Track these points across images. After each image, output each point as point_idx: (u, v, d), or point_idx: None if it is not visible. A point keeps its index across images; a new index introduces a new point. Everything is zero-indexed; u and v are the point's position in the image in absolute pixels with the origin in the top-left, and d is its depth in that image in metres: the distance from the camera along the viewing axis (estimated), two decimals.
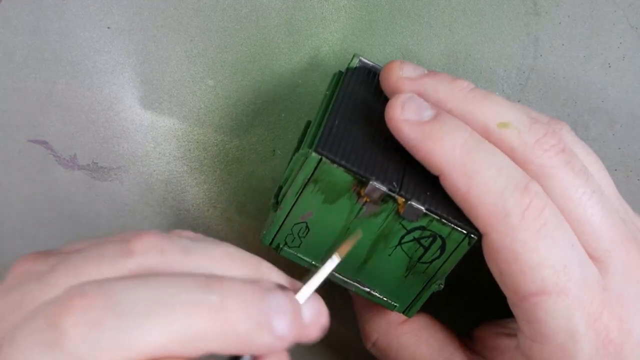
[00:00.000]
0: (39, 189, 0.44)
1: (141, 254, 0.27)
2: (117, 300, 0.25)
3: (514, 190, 0.33)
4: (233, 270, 0.27)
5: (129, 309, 0.25)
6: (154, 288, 0.25)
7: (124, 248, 0.27)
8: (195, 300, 0.25)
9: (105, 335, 0.24)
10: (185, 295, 0.25)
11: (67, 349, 0.24)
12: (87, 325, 0.24)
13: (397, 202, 0.34)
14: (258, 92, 0.43)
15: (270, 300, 0.26)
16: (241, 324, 0.25)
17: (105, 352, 0.24)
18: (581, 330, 0.33)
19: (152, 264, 0.27)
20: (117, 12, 0.41)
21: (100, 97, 0.42)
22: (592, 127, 0.43)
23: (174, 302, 0.25)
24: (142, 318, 0.25)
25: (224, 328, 0.25)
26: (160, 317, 0.25)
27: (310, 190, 0.34)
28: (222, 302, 0.25)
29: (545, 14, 0.41)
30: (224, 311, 0.25)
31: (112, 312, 0.24)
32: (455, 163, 0.34)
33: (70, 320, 0.24)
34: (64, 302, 0.25)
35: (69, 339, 0.24)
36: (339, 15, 0.41)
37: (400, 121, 0.34)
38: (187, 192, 0.45)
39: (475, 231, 0.34)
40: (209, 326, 0.25)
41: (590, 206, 0.35)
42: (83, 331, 0.24)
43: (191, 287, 0.26)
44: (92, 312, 0.24)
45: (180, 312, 0.25)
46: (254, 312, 0.26)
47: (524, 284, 0.33)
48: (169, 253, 0.27)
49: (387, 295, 0.38)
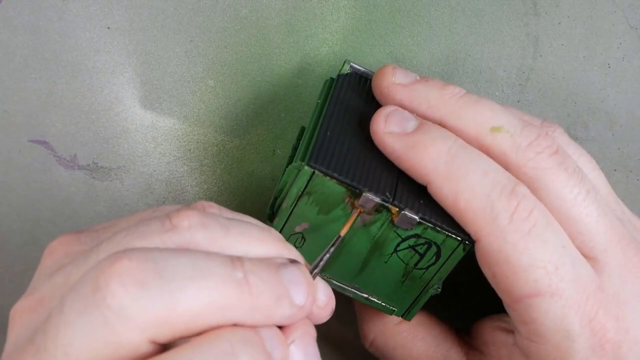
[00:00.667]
0: (39, 189, 0.44)
1: (185, 229, 0.28)
2: (161, 264, 0.26)
3: (501, 193, 0.33)
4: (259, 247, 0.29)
5: (172, 273, 0.26)
6: (192, 259, 0.26)
7: (167, 224, 0.28)
8: (226, 274, 0.26)
9: (150, 295, 0.25)
10: (217, 268, 0.26)
11: (114, 307, 0.25)
12: (133, 285, 0.25)
13: (391, 212, 0.34)
14: (258, 92, 0.43)
15: (284, 274, 0.28)
16: (263, 297, 0.27)
17: (151, 311, 0.25)
18: (576, 330, 0.34)
19: (196, 239, 0.28)
20: (117, 12, 0.41)
21: (100, 97, 0.42)
22: (591, 127, 0.43)
23: (210, 273, 0.26)
24: (184, 282, 0.26)
25: (249, 301, 0.26)
26: (199, 283, 0.26)
27: (304, 202, 0.34)
28: (245, 277, 0.27)
29: (545, 14, 0.41)
30: (247, 285, 0.26)
31: (156, 273, 0.25)
32: (440, 171, 0.34)
33: (115, 280, 0.25)
34: (108, 265, 0.25)
35: (116, 298, 0.25)
36: (339, 15, 0.41)
37: (384, 134, 0.35)
38: (187, 192, 0.45)
39: (469, 237, 0.34)
40: (237, 298, 0.26)
41: (586, 206, 0.35)
42: (129, 290, 0.25)
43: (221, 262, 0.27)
44: (137, 273, 0.25)
45: (215, 282, 0.26)
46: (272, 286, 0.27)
47: (517, 286, 0.34)
48: (211, 229, 0.28)
49: (385, 301, 0.38)
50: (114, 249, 0.27)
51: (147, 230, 0.28)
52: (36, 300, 0.28)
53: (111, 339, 0.25)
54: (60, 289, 0.27)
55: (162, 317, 0.25)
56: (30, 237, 0.45)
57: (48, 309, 0.27)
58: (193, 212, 0.28)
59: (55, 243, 0.30)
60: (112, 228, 0.30)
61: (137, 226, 0.28)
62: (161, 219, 0.28)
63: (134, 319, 0.25)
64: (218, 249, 0.28)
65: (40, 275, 0.29)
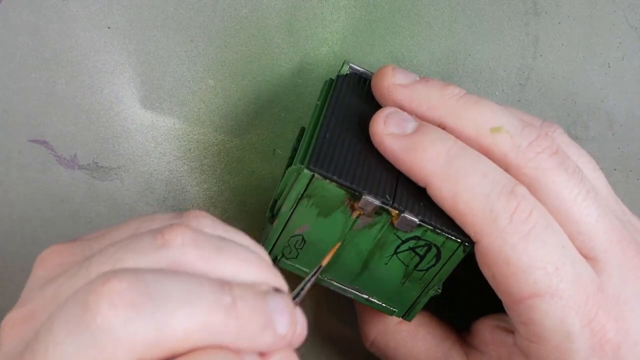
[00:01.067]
0: (39, 189, 0.44)
1: (178, 246, 0.28)
2: (152, 286, 0.26)
3: (500, 194, 0.33)
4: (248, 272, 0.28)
5: (163, 296, 0.26)
6: (182, 282, 0.26)
7: (159, 240, 0.28)
8: (215, 299, 0.26)
9: (141, 317, 0.25)
10: (207, 292, 0.26)
11: (104, 328, 0.25)
12: (124, 307, 0.25)
13: (390, 214, 0.34)
14: (258, 92, 0.43)
15: (271, 302, 0.27)
16: (248, 324, 0.27)
17: (141, 333, 0.25)
18: (576, 331, 0.34)
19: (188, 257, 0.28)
20: (117, 12, 0.41)
21: (100, 97, 0.42)
22: (591, 127, 0.43)
23: (199, 297, 0.26)
24: (174, 305, 0.26)
25: (235, 326, 0.26)
26: (189, 307, 0.26)
27: (304, 205, 0.34)
28: (234, 303, 0.26)
29: (545, 14, 0.41)
30: (235, 311, 0.26)
31: (147, 296, 0.25)
32: (439, 172, 0.34)
33: (106, 301, 0.25)
34: (99, 286, 0.25)
35: (106, 319, 0.25)
36: (339, 15, 0.41)
37: (383, 135, 0.35)
38: (187, 192, 0.45)
39: (469, 239, 0.34)
40: (224, 322, 0.26)
41: (586, 206, 0.35)
42: (120, 312, 0.25)
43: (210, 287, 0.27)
44: (128, 294, 0.25)
45: (205, 307, 0.26)
46: (259, 314, 0.27)
47: (516, 287, 0.34)
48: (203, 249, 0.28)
49: (385, 302, 0.38)
50: (104, 264, 0.27)
51: (138, 245, 0.27)
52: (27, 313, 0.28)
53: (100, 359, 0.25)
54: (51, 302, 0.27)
55: (152, 339, 0.25)
56: (30, 237, 0.45)
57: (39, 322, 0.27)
58: (186, 229, 0.28)
59: (46, 253, 0.30)
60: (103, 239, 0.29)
61: (130, 241, 0.28)
62: (154, 234, 0.28)
63: (123, 341, 0.25)
64: (209, 269, 0.28)
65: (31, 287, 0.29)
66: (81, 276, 0.27)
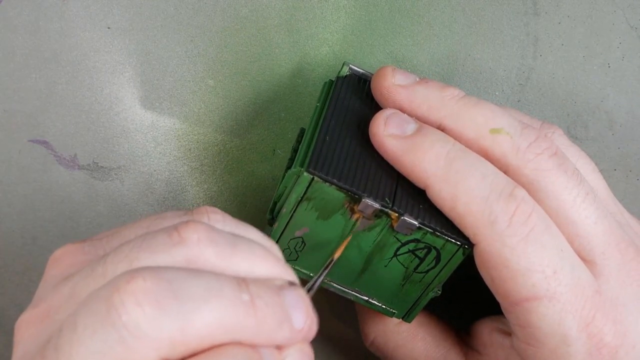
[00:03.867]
0: (39, 189, 0.44)
1: (194, 243, 0.28)
2: (175, 284, 0.26)
3: (499, 196, 0.33)
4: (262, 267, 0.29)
5: (186, 294, 0.26)
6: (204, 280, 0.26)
7: (175, 237, 0.28)
8: (234, 296, 0.27)
9: (166, 315, 0.25)
10: (227, 290, 0.27)
11: (130, 326, 0.25)
12: (149, 305, 0.25)
13: (390, 217, 0.34)
14: (258, 92, 0.43)
15: (286, 297, 0.28)
16: (267, 320, 0.27)
17: (166, 330, 0.25)
18: (573, 334, 0.34)
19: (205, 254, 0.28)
20: (117, 12, 0.41)
21: (100, 97, 0.42)
22: (591, 127, 0.43)
23: (220, 294, 0.26)
24: (197, 303, 0.26)
25: (254, 322, 0.27)
26: (211, 305, 0.26)
27: (304, 207, 0.34)
28: (252, 300, 0.27)
29: (545, 14, 0.41)
30: (254, 308, 0.27)
31: (171, 294, 0.26)
32: (439, 174, 0.34)
33: (131, 299, 0.25)
34: (123, 284, 0.26)
35: (132, 317, 0.25)
36: (339, 15, 0.41)
37: (383, 136, 0.35)
38: (187, 192, 0.45)
39: (468, 242, 0.34)
40: (244, 320, 0.26)
41: (585, 208, 0.35)
42: (146, 310, 0.25)
43: (230, 284, 0.27)
44: (153, 293, 0.25)
45: (226, 304, 0.26)
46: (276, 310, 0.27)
47: (514, 290, 0.34)
48: (219, 245, 0.28)
49: (385, 303, 0.38)
50: (121, 262, 0.27)
51: (154, 243, 0.28)
52: (43, 312, 0.28)
53: (125, 356, 0.25)
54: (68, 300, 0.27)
55: (177, 337, 0.25)
56: (30, 237, 0.45)
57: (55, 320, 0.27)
58: (201, 226, 0.28)
59: (59, 253, 0.30)
60: (116, 237, 0.30)
61: (144, 238, 0.28)
62: (168, 231, 0.28)
63: (149, 338, 0.25)
64: (225, 265, 0.28)
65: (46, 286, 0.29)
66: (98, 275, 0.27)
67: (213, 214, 0.30)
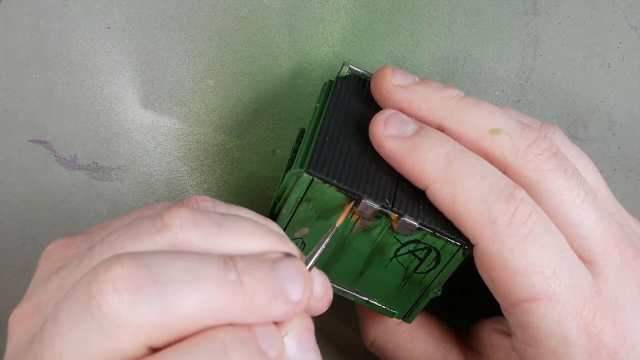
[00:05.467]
0: (39, 189, 0.44)
1: (177, 227, 0.27)
2: (154, 269, 0.26)
3: (499, 197, 0.33)
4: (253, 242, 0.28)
5: (166, 278, 0.25)
6: (185, 262, 0.26)
7: (159, 223, 0.27)
8: (219, 276, 0.26)
9: (145, 301, 0.25)
10: (210, 270, 0.26)
11: (109, 315, 0.25)
12: (127, 292, 0.25)
13: (390, 218, 0.34)
14: (258, 92, 0.43)
15: (279, 270, 0.27)
16: (257, 297, 0.26)
17: (146, 317, 0.25)
18: (573, 335, 0.34)
19: (189, 237, 0.27)
20: (117, 12, 0.41)
21: (100, 97, 0.42)
22: (591, 127, 0.43)
23: (203, 276, 0.26)
24: (178, 287, 0.25)
25: (243, 301, 0.26)
26: (193, 288, 0.26)
27: (304, 208, 0.34)
28: (239, 278, 0.26)
29: (545, 14, 0.41)
30: (241, 286, 0.26)
31: (150, 279, 0.25)
32: (438, 175, 0.34)
33: (109, 287, 0.25)
34: (101, 273, 0.25)
35: (111, 305, 0.25)
36: (339, 15, 0.41)
37: (383, 137, 0.35)
38: (187, 192, 0.45)
39: (468, 242, 0.34)
40: (231, 299, 0.26)
41: (584, 208, 0.35)
42: (124, 298, 0.25)
43: (214, 264, 0.26)
44: (131, 279, 0.25)
45: (209, 285, 0.26)
46: (267, 284, 0.27)
47: (514, 291, 0.34)
48: (203, 227, 0.28)
49: (385, 304, 0.38)
50: (106, 252, 0.27)
51: (138, 230, 0.27)
52: (33, 306, 0.28)
53: (107, 346, 0.25)
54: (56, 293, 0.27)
55: (158, 322, 0.25)
56: (30, 237, 0.45)
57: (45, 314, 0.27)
58: (184, 209, 0.28)
59: (51, 247, 0.30)
60: (105, 229, 0.30)
61: (129, 227, 0.28)
62: (152, 218, 0.28)
63: (129, 326, 0.25)
64: (211, 247, 0.28)
65: (37, 280, 0.29)
66: (84, 265, 0.27)
67: (203, 202, 0.30)
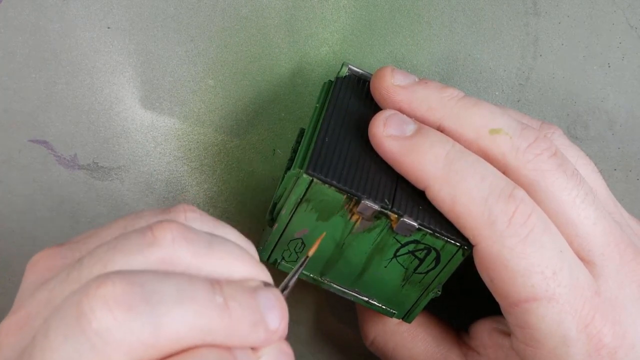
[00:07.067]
0: (39, 189, 0.44)
1: (169, 242, 0.27)
2: (146, 288, 0.26)
3: (499, 197, 0.33)
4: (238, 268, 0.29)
5: (157, 298, 0.26)
6: (176, 283, 0.26)
7: (149, 237, 0.27)
8: (208, 299, 0.26)
9: (137, 319, 0.25)
10: (200, 292, 0.26)
11: (100, 332, 0.25)
12: (119, 310, 0.25)
13: (390, 219, 0.34)
14: (258, 92, 0.43)
15: (260, 299, 0.28)
16: (240, 322, 0.27)
17: (137, 335, 0.25)
18: (572, 335, 0.34)
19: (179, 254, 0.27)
20: (117, 12, 0.41)
21: (100, 97, 0.42)
22: (591, 127, 0.43)
23: (193, 297, 0.26)
24: (169, 307, 0.26)
25: (228, 325, 0.26)
26: (183, 308, 0.26)
27: (303, 209, 0.34)
28: (226, 302, 0.27)
29: (545, 14, 0.41)
30: (227, 311, 0.27)
31: (142, 298, 0.25)
32: (438, 175, 0.34)
33: (100, 304, 0.25)
34: (92, 289, 0.25)
35: (102, 322, 0.25)
36: (339, 15, 0.41)
37: (382, 137, 0.35)
38: (187, 192, 0.45)
39: (468, 242, 0.34)
40: (217, 322, 0.26)
41: (584, 208, 0.35)
42: (116, 315, 0.25)
43: (203, 286, 0.27)
44: (123, 297, 0.25)
45: (198, 307, 0.26)
46: (250, 311, 0.27)
47: (514, 291, 0.34)
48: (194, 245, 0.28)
49: (385, 304, 0.38)
50: (95, 265, 0.27)
51: (127, 245, 0.27)
52: (21, 318, 0.28)
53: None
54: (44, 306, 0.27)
55: (148, 341, 0.25)
56: (30, 237, 0.45)
57: (33, 327, 0.27)
58: (175, 225, 0.28)
59: (37, 257, 0.30)
60: (92, 240, 0.29)
61: (118, 240, 0.28)
62: (143, 232, 0.27)
63: (120, 343, 0.25)
64: (200, 266, 0.28)
65: (24, 292, 0.29)
66: (73, 279, 0.27)
67: (191, 212, 0.30)
